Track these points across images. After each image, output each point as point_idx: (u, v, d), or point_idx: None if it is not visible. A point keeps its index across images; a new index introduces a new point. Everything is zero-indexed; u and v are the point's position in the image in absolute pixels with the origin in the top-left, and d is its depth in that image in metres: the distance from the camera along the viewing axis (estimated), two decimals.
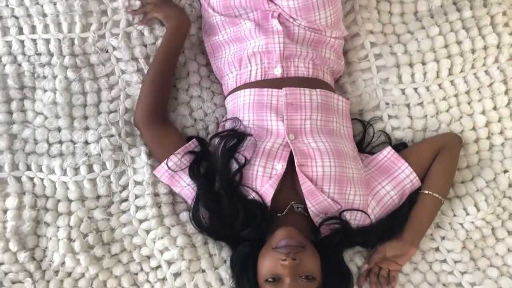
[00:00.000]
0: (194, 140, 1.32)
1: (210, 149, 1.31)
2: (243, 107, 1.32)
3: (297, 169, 1.21)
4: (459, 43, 1.47)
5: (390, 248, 1.25)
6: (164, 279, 1.27)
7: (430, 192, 1.30)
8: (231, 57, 1.37)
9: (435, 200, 1.30)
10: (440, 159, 1.33)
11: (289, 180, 1.24)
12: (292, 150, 1.23)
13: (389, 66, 1.47)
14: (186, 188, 1.29)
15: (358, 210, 1.24)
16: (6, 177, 1.30)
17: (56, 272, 1.26)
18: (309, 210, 1.23)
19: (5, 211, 1.28)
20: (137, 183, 1.35)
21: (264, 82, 1.33)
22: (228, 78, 1.40)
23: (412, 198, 1.32)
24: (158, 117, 1.33)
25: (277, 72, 1.32)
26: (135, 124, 1.35)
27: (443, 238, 1.33)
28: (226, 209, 1.22)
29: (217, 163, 1.25)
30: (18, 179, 1.32)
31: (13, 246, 1.24)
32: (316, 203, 1.22)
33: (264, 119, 1.29)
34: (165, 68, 1.35)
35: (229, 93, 1.39)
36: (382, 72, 1.47)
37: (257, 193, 1.21)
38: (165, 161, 1.28)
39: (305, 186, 1.21)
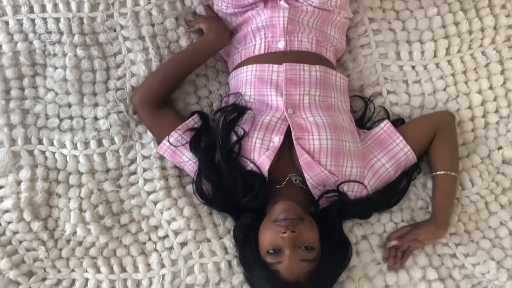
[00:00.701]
0: (194, 116, 1.36)
1: (211, 124, 1.36)
2: (245, 83, 1.36)
3: (294, 142, 1.25)
4: (456, 24, 1.51)
5: (425, 233, 1.31)
6: (171, 248, 1.32)
7: (445, 172, 1.35)
8: (238, 37, 1.42)
9: (452, 178, 1.36)
10: (442, 139, 1.38)
11: (287, 153, 1.29)
12: (290, 124, 1.27)
13: (387, 41, 1.51)
14: (188, 163, 1.34)
15: (355, 181, 1.28)
16: (19, 150, 1.35)
17: (68, 241, 1.31)
18: (307, 182, 1.27)
19: (19, 183, 1.33)
20: (144, 157, 1.40)
21: (266, 57, 1.36)
22: (234, 55, 1.44)
23: (408, 172, 1.38)
24: (154, 104, 1.37)
25: (281, 45, 1.36)
26: (132, 103, 1.40)
27: None
28: (226, 180, 1.26)
29: (217, 136, 1.29)
30: (31, 153, 1.37)
31: (27, 216, 1.29)
32: (313, 175, 1.26)
33: (265, 94, 1.34)
34: (180, 70, 1.40)
35: (233, 70, 1.43)
36: (380, 47, 1.51)
37: (254, 164, 1.26)
38: (166, 137, 1.33)
39: (303, 158, 1.25)
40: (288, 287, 1.13)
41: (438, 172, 1.36)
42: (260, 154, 1.26)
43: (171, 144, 1.33)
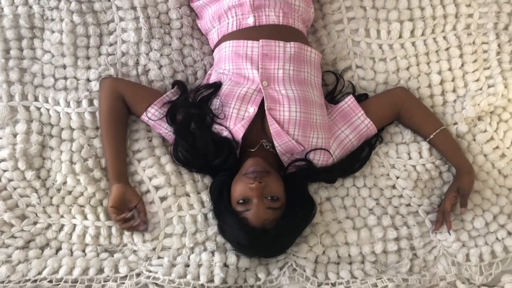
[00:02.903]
0: (170, 92, 1.46)
1: (190, 95, 1.45)
2: (224, 58, 1.47)
3: (266, 112, 1.37)
4: (421, 8, 1.63)
5: (469, 185, 1.43)
6: (151, 202, 1.42)
7: (435, 132, 1.49)
8: (212, 15, 1.52)
9: (443, 132, 1.50)
10: (411, 109, 1.52)
11: (260, 121, 1.40)
12: (264, 95, 1.39)
13: (358, 18, 1.63)
14: (167, 134, 1.46)
15: (322, 149, 1.41)
16: (16, 105, 1.46)
17: (58, 190, 1.42)
18: (276, 149, 1.39)
19: (15, 135, 1.44)
20: (131, 120, 1.51)
21: (239, 33, 1.47)
22: (211, 33, 1.55)
23: (370, 142, 1.51)
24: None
25: (250, 21, 1.47)
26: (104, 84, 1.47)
27: (397, 177, 1.50)
28: (199, 145, 1.38)
29: (193, 108, 1.41)
30: (27, 108, 1.47)
31: (21, 165, 1.40)
32: (282, 143, 1.38)
33: (242, 68, 1.44)
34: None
35: (215, 47, 1.55)
36: (352, 24, 1.63)
37: (229, 131, 1.37)
38: (144, 113, 1.44)
39: (273, 127, 1.37)
40: (255, 232, 1.26)
41: (431, 136, 1.50)
42: (235, 122, 1.37)
43: (149, 118, 1.44)
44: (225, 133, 1.38)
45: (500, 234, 1.44)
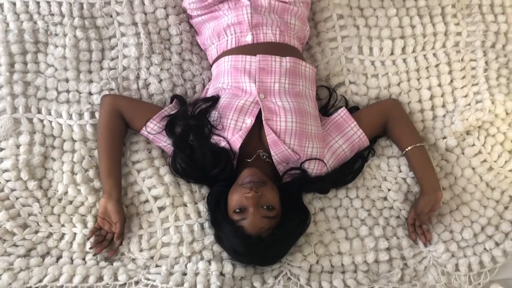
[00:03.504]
0: (168, 106, 1.51)
1: (189, 109, 1.49)
2: (223, 72, 1.53)
3: (264, 122, 1.42)
4: (412, 26, 1.70)
5: (424, 206, 1.46)
6: (150, 211, 1.46)
7: (412, 146, 1.52)
8: (211, 32, 1.58)
9: (420, 148, 1.52)
10: (396, 121, 1.56)
11: (257, 132, 1.45)
12: (261, 107, 1.44)
13: (351, 36, 1.69)
14: (166, 146, 1.50)
15: (316, 158, 1.45)
16: (20, 117, 1.50)
17: (60, 200, 1.46)
18: (272, 158, 1.43)
19: (18, 146, 1.48)
20: (131, 132, 1.55)
21: (238, 49, 1.53)
22: (211, 49, 1.61)
23: (362, 153, 1.56)
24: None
25: (248, 39, 1.53)
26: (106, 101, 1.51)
27: (389, 190, 1.55)
28: (197, 156, 1.42)
29: (192, 119, 1.45)
30: (30, 120, 1.52)
31: (24, 175, 1.44)
32: (278, 152, 1.42)
33: (240, 81, 1.50)
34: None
35: (213, 62, 1.60)
36: (345, 42, 1.70)
37: (227, 141, 1.42)
38: (143, 127, 1.48)
39: (270, 137, 1.42)
40: (251, 240, 1.30)
41: (407, 149, 1.53)
42: (233, 133, 1.42)
43: (148, 133, 1.49)
44: (223, 144, 1.42)
45: (488, 244, 1.49)
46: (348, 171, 1.54)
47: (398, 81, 1.67)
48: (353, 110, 1.62)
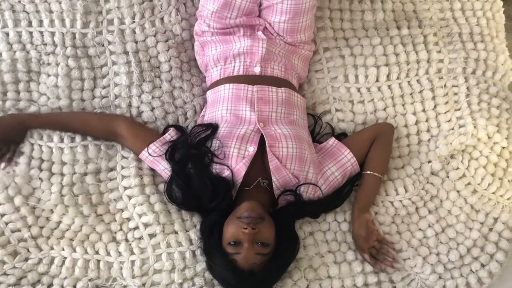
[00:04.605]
0: (170, 131, 1.54)
1: (188, 137, 1.52)
2: (223, 99, 1.56)
3: (267, 149, 1.45)
4: (396, 54, 1.75)
5: (357, 229, 1.50)
6: (140, 238, 1.46)
7: (371, 172, 1.57)
8: (218, 55, 1.62)
9: (376, 179, 1.57)
10: (377, 145, 1.60)
11: (259, 159, 1.47)
12: (264, 135, 1.47)
13: (337, 66, 1.74)
14: (164, 171, 1.52)
15: (310, 183, 1.48)
16: None
17: (47, 218, 1.44)
18: (273, 183, 1.45)
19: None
20: (123, 157, 1.56)
21: (243, 78, 1.58)
22: (213, 71, 1.64)
23: (352, 179, 1.59)
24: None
25: (257, 70, 1.58)
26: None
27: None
28: (195, 185, 1.44)
29: (192, 147, 1.48)
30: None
31: (12, 192, 1.42)
32: (280, 177, 1.45)
33: (240, 109, 1.54)
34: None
35: (211, 85, 1.63)
36: (332, 72, 1.75)
37: (231, 170, 1.44)
38: (146, 148, 1.50)
39: (273, 163, 1.44)
40: (243, 274, 1.30)
41: (366, 172, 1.58)
42: (237, 161, 1.44)
43: (149, 154, 1.51)
44: (227, 172, 1.43)
45: (474, 266, 1.51)
46: (338, 196, 1.57)
47: (383, 106, 1.71)
48: (341, 136, 1.66)
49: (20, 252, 1.41)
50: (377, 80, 1.74)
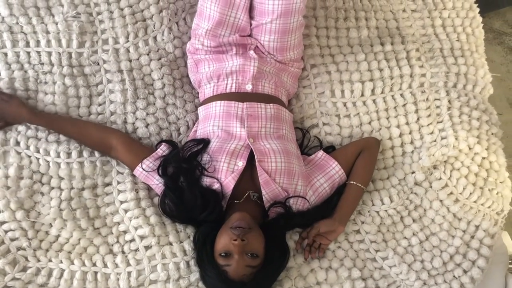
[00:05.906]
0: (162, 146, 1.59)
1: (180, 151, 1.57)
2: (214, 116, 1.62)
3: (257, 164, 1.50)
4: (380, 70, 1.82)
5: (323, 225, 1.55)
6: (136, 250, 1.51)
7: (354, 183, 1.62)
8: (211, 73, 1.68)
9: (358, 189, 1.63)
10: (362, 157, 1.66)
11: (248, 174, 1.53)
12: (253, 150, 1.53)
13: (324, 82, 1.81)
14: (158, 185, 1.57)
15: (299, 196, 1.54)
16: (9, 150, 1.55)
17: (46, 232, 1.48)
18: (263, 197, 1.50)
19: (7, 178, 1.52)
20: (119, 172, 1.61)
21: (235, 95, 1.64)
22: (206, 87, 1.70)
23: (340, 190, 1.64)
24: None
25: (248, 88, 1.64)
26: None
27: (362, 222, 1.64)
28: (187, 198, 1.48)
29: (184, 162, 1.53)
30: (19, 153, 1.55)
31: (13, 206, 1.46)
32: (269, 191, 1.50)
33: (231, 126, 1.60)
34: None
35: (204, 101, 1.69)
36: (319, 88, 1.81)
37: (220, 184, 1.49)
38: (140, 164, 1.56)
39: (262, 177, 1.50)
40: (234, 285, 1.36)
41: (350, 182, 1.63)
42: (226, 175, 1.49)
43: (143, 170, 1.56)
44: (216, 186, 1.49)
45: (457, 272, 1.58)
46: (327, 206, 1.62)
47: (369, 120, 1.78)
48: (329, 149, 1.72)
49: (19, 261, 1.44)
50: (362, 95, 1.81)
